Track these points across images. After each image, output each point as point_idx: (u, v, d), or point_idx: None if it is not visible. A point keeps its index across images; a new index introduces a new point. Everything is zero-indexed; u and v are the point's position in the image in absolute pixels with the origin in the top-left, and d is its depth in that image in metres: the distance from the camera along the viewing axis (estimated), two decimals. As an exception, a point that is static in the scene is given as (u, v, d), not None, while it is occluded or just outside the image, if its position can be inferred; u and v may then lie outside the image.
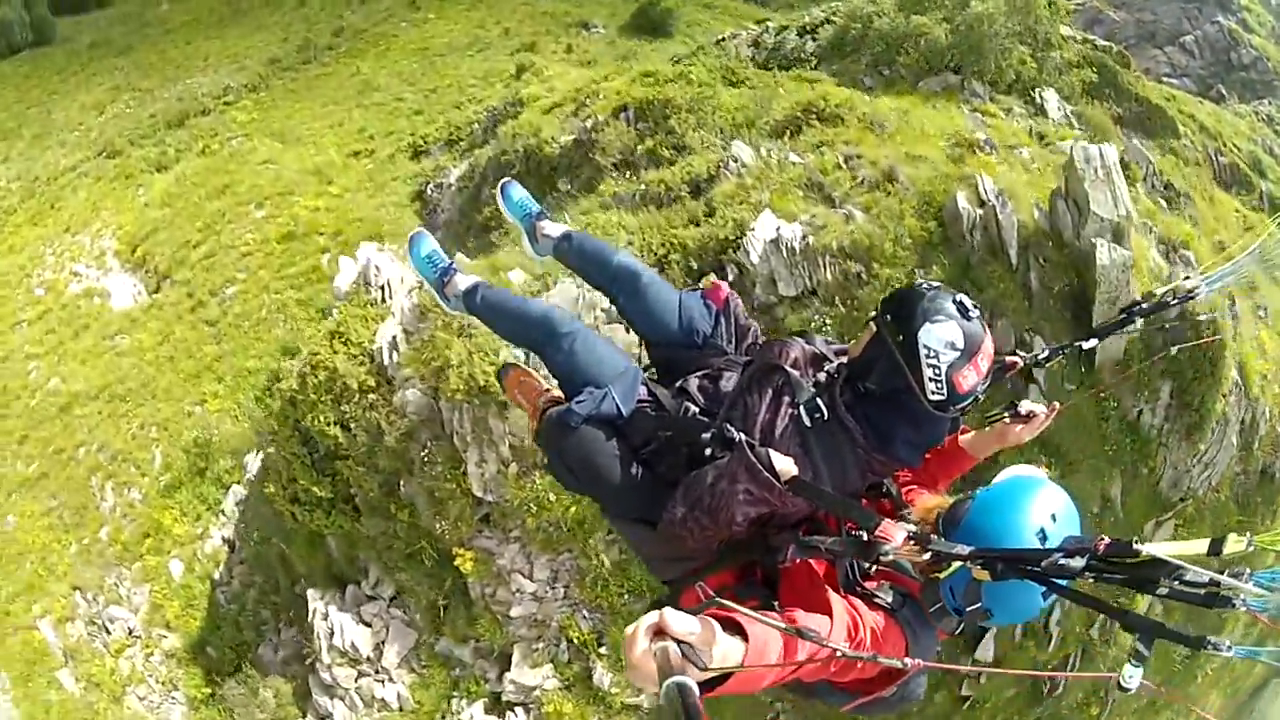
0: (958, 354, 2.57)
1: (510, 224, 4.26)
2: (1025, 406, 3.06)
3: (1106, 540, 1.94)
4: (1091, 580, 1.97)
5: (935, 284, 2.72)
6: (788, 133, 13.27)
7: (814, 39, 19.32)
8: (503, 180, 4.20)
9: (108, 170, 25.82)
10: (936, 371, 2.58)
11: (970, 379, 2.60)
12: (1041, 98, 16.58)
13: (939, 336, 2.56)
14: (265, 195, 20.23)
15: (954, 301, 2.62)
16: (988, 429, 3.13)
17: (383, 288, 11.46)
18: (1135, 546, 1.88)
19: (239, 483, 14.56)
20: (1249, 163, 24.04)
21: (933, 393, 2.60)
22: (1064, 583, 2.04)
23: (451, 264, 3.86)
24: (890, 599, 2.48)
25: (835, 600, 2.38)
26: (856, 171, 11.50)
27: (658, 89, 14.77)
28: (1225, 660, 13.11)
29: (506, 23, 32.62)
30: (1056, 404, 3.17)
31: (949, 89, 16.03)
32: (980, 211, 10.39)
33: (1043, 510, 2.30)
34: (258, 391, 14.77)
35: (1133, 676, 1.87)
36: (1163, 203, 16.25)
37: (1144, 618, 1.96)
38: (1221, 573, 1.83)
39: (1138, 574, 1.89)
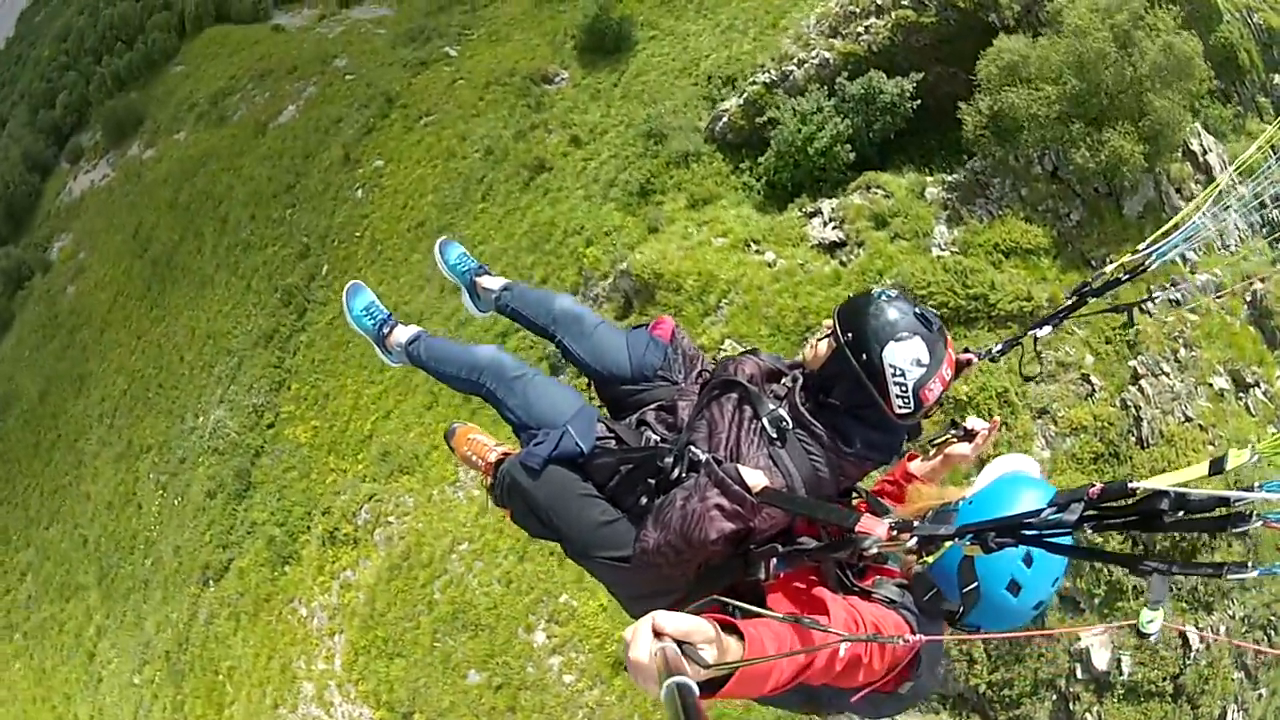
0: (924, 369, 2.60)
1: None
2: (970, 423, 3.07)
3: (1098, 485, 1.85)
4: (1091, 531, 1.86)
5: (891, 292, 2.73)
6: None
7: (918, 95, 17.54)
8: (440, 239, 4.23)
9: (234, 600, 21.55)
10: (904, 389, 2.61)
11: (936, 390, 2.64)
12: (1204, 157, 16.17)
13: (905, 355, 2.59)
14: (529, 610, 16.12)
15: (915, 314, 2.65)
16: (933, 452, 3.12)
17: None
18: (1130, 485, 1.79)
19: None
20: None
21: (900, 408, 2.64)
22: (1064, 541, 1.90)
23: (390, 315, 3.88)
24: (888, 592, 2.44)
25: (831, 598, 2.35)
26: None
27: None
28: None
29: (471, 132, 26.29)
30: (997, 418, 3.27)
31: (1150, 207, 15.51)
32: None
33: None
34: None
35: (1152, 621, 1.85)
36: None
37: (1154, 559, 1.86)
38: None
39: (1141, 512, 1.77)
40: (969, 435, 3.05)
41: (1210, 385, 14.07)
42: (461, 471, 19.70)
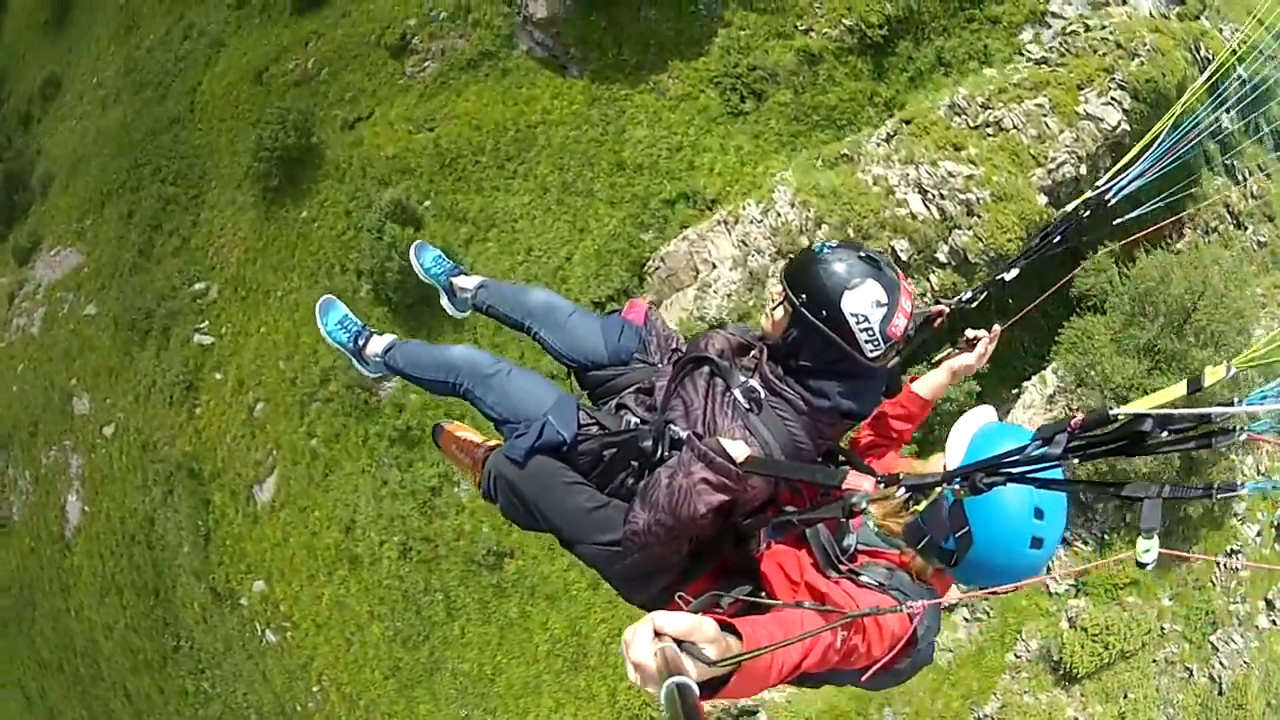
0: (885, 308, 2.58)
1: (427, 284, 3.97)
2: (969, 334, 3.06)
3: (1080, 416, 1.83)
4: (1078, 462, 1.81)
5: (831, 243, 2.69)
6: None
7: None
8: (415, 242, 4.10)
9: None
10: (871, 333, 2.59)
11: (901, 324, 2.62)
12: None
13: (863, 300, 2.55)
14: None
15: (861, 257, 2.60)
16: (937, 368, 3.10)
17: None
18: (1110, 412, 1.77)
19: None
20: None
21: (871, 352, 2.62)
22: (1051, 474, 1.88)
23: (364, 326, 3.77)
24: (876, 575, 2.43)
25: (828, 587, 2.35)
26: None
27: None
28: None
29: (350, 515, 17.59)
30: (997, 326, 3.17)
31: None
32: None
33: (1025, 505, 2.25)
34: None
35: (1148, 550, 1.74)
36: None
37: (1143, 484, 1.77)
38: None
39: (1125, 437, 1.74)
40: (970, 344, 3.00)
41: (1257, 627, 15.48)
42: None
